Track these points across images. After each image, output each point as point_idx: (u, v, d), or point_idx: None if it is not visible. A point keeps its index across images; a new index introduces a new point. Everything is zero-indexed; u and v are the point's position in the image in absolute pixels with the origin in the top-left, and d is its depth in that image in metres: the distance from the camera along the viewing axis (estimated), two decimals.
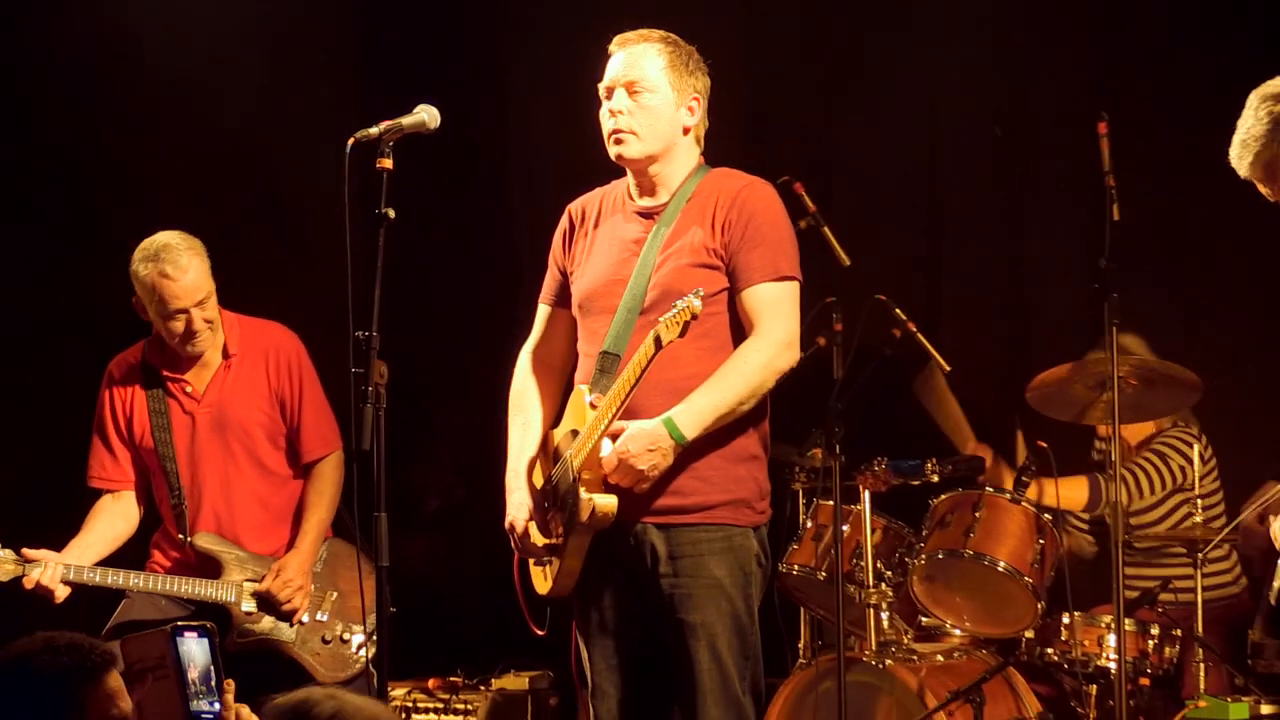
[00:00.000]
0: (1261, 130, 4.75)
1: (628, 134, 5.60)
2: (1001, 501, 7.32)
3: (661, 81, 5.61)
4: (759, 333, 5.51)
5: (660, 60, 5.62)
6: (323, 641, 6.85)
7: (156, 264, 6.63)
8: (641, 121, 5.60)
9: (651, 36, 5.67)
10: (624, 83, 5.61)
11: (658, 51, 5.63)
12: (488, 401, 6.73)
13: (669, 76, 5.62)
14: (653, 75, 5.60)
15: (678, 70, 5.63)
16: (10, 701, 4.08)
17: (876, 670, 7.18)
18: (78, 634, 4.20)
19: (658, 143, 5.62)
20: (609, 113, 5.63)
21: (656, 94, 5.60)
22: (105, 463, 6.92)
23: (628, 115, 5.60)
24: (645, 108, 5.60)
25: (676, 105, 5.64)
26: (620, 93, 5.61)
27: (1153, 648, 7.25)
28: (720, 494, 5.52)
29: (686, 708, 5.55)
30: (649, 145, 5.61)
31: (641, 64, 5.62)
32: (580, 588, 5.66)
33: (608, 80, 5.66)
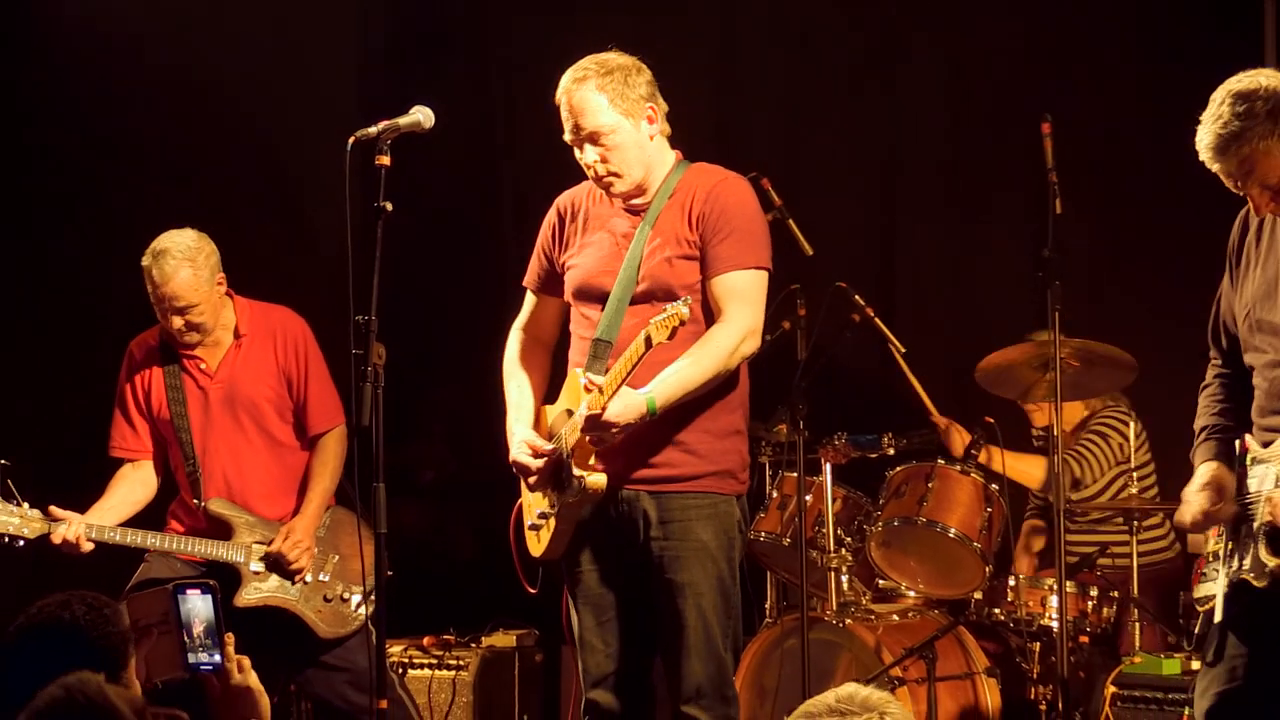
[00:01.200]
0: (1237, 127, 4.75)
1: (611, 178, 5.59)
2: (952, 473, 7.36)
3: (616, 119, 5.55)
4: (726, 319, 5.50)
5: (604, 99, 5.54)
6: (324, 600, 6.85)
7: (153, 262, 6.62)
8: (618, 162, 5.57)
9: (587, 77, 5.57)
10: (586, 135, 5.57)
11: (597, 90, 5.54)
12: (478, 381, 6.76)
13: (619, 108, 5.55)
14: (606, 119, 5.54)
15: (622, 97, 5.56)
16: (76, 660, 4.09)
17: (837, 629, 7.22)
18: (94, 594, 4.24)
19: (639, 169, 5.60)
20: (588, 166, 5.62)
21: (618, 132, 5.55)
22: (125, 434, 6.93)
23: (604, 163, 5.57)
24: (615, 147, 5.55)
25: (636, 126, 5.58)
26: (589, 147, 5.58)
27: (1092, 608, 7.27)
28: (707, 465, 5.54)
29: (671, 661, 5.57)
30: (634, 175, 5.60)
31: (592, 112, 5.54)
32: (571, 551, 5.67)
33: (569, 135, 5.61)
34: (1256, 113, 4.74)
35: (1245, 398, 5.05)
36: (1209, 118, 4.81)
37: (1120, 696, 6.71)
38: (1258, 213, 4.95)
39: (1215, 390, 5.20)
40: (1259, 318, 4.99)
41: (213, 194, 7.40)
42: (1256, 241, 5.03)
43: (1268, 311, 4.96)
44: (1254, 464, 4.94)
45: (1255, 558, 4.83)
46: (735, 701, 5.67)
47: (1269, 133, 4.74)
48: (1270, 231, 4.99)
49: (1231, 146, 4.77)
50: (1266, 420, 4.97)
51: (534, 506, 5.73)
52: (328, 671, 6.85)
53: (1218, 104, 4.80)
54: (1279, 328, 4.93)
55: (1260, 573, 4.80)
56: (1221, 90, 4.83)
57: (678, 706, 5.55)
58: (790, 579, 7.51)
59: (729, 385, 5.59)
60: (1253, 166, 4.78)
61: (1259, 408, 5.00)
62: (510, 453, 5.73)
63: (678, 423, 5.50)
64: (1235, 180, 4.83)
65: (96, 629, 4.06)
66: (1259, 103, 4.75)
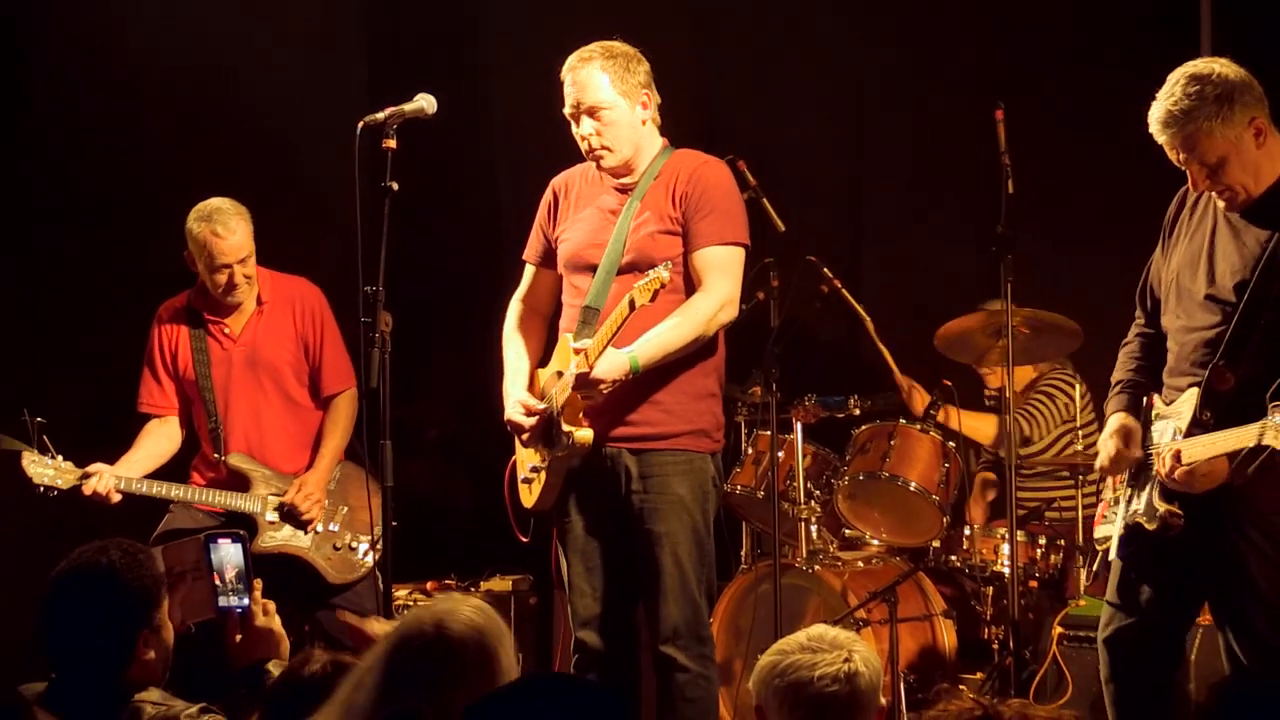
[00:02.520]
0: (1188, 106, 4.81)
1: (603, 151, 5.63)
2: (913, 432, 7.39)
3: (614, 97, 5.60)
4: (706, 289, 5.55)
5: (605, 78, 5.59)
6: (333, 549, 6.87)
7: (209, 223, 6.65)
8: (611, 137, 5.61)
9: (592, 58, 5.62)
10: (585, 109, 5.61)
11: (600, 69, 5.60)
12: (477, 347, 6.77)
13: (618, 88, 5.60)
14: (606, 95, 5.59)
15: (622, 79, 5.61)
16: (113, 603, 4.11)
17: (806, 574, 7.25)
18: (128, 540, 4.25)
19: (629, 146, 5.65)
20: (581, 137, 5.65)
21: (614, 109, 5.60)
22: (153, 392, 6.93)
23: (598, 136, 5.61)
24: (610, 124, 5.60)
25: (631, 108, 5.63)
26: (586, 120, 5.61)
27: (1040, 555, 7.31)
28: (683, 425, 5.58)
29: (650, 605, 5.62)
30: (623, 152, 5.64)
31: (593, 88, 5.59)
32: (560, 503, 5.71)
33: (569, 108, 5.65)
34: (1206, 95, 4.81)
35: (1160, 356, 5.14)
36: (1164, 94, 4.87)
37: (1066, 636, 6.75)
38: (1194, 188, 5.00)
39: (1134, 348, 5.28)
40: (1181, 285, 5.05)
41: (234, 175, 7.38)
42: (1190, 216, 5.09)
43: (1189, 280, 5.03)
44: (1157, 419, 5.05)
45: (1148, 503, 4.94)
46: (710, 641, 5.71)
47: (1213, 115, 4.80)
48: (1203, 209, 5.05)
49: (1178, 123, 4.84)
50: (1174, 380, 5.06)
51: (527, 461, 5.77)
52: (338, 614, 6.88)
53: (1173, 83, 4.87)
54: (1196, 296, 5.00)
55: (1151, 516, 4.90)
56: (1179, 71, 4.89)
57: (657, 646, 5.59)
58: (764, 528, 7.53)
59: (706, 351, 5.63)
60: (1195, 144, 4.84)
61: (1169, 369, 5.09)
62: (505, 412, 5.77)
63: (657, 385, 5.55)
64: (1178, 154, 4.89)
65: (131, 572, 4.09)
66: (1209, 87, 4.81)
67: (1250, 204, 4.91)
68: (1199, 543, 4.89)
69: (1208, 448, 4.77)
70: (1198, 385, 4.90)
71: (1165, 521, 4.88)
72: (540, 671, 7.52)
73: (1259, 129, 4.84)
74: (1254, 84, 4.87)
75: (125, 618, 4.07)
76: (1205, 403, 4.87)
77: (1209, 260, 4.98)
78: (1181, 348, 5.04)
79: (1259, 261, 4.85)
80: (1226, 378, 4.86)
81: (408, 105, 5.49)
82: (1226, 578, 4.92)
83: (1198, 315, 4.99)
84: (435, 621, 3.47)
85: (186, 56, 8.06)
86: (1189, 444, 4.81)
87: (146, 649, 4.06)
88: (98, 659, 4.05)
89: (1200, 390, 4.89)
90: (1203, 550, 4.91)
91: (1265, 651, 4.84)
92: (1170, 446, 4.85)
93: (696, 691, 5.59)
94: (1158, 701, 5.05)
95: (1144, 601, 5.04)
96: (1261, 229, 4.89)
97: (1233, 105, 4.81)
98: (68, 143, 8.13)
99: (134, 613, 4.09)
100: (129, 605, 4.08)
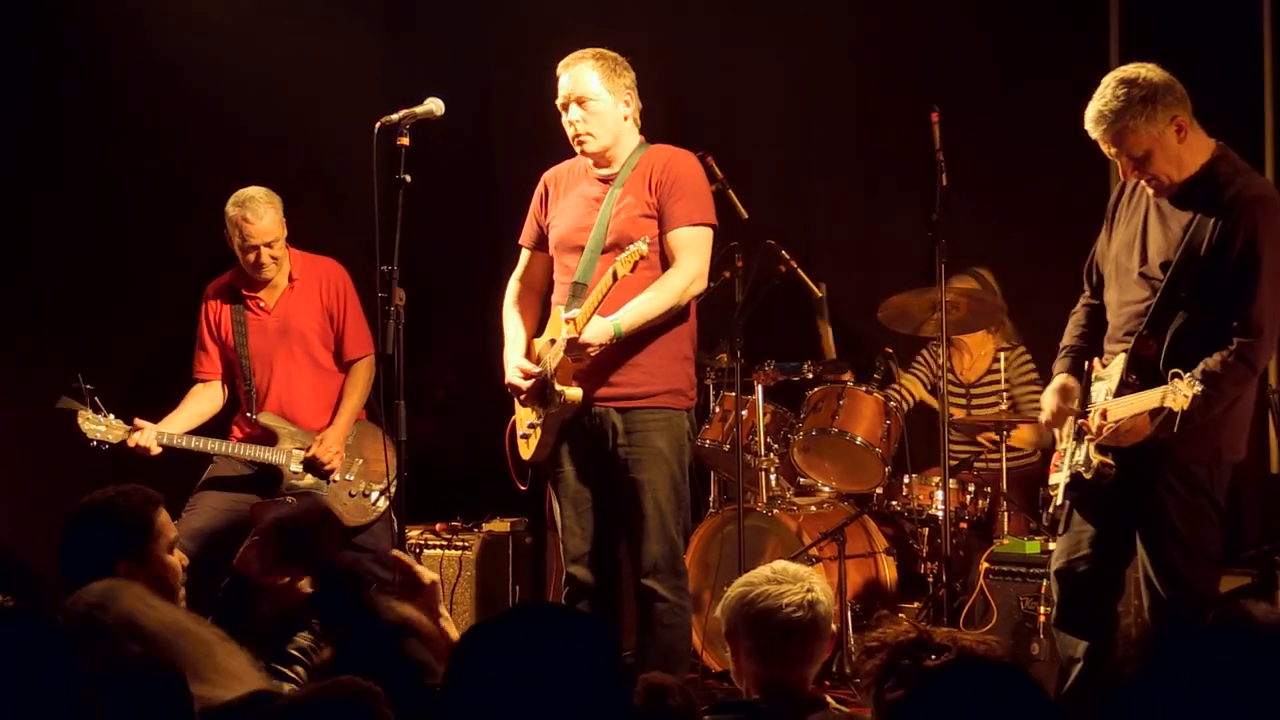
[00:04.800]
0: (1117, 106, 4.83)
1: (586, 136, 5.64)
2: (859, 393, 7.39)
3: (601, 91, 5.62)
4: (678, 265, 5.58)
5: (596, 74, 5.62)
6: (349, 496, 6.88)
7: (241, 209, 6.70)
8: (594, 125, 5.62)
9: (586, 56, 5.66)
10: (575, 98, 5.62)
11: (591, 67, 5.63)
12: (479, 319, 6.78)
13: (605, 85, 5.63)
14: (594, 89, 5.61)
15: (610, 78, 5.64)
16: (99, 537, 4.11)
17: (766, 517, 7.26)
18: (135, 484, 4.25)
19: (609, 136, 5.65)
20: (569, 123, 5.66)
21: (600, 101, 5.62)
22: (200, 359, 6.97)
23: (583, 123, 5.62)
24: (594, 114, 5.62)
25: (615, 104, 5.65)
26: (574, 107, 5.63)
27: (969, 501, 7.31)
28: (662, 385, 5.59)
29: (633, 543, 5.63)
30: (603, 140, 5.65)
31: (583, 81, 5.62)
32: (554, 455, 5.71)
33: (561, 98, 5.67)
34: (1133, 97, 4.83)
35: (1102, 326, 5.18)
36: (1097, 96, 4.90)
37: (992, 571, 6.76)
38: (1124, 177, 5.04)
39: (1080, 318, 5.31)
40: (1120, 264, 5.08)
41: (269, 168, 7.36)
42: (1128, 202, 5.13)
43: (1126, 259, 5.06)
44: (1096, 380, 5.06)
45: (1086, 455, 4.94)
46: (685, 575, 5.73)
47: (1139, 114, 4.82)
48: (1139, 196, 5.08)
49: (1109, 121, 4.86)
50: (1111, 347, 5.10)
51: (524, 419, 5.77)
52: (358, 552, 6.88)
53: (1105, 85, 4.90)
54: (1131, 274, 5.02)
55: (1088, 467, 4.93)
56: (1111, 75, 4.93)
57: (639, 579, 5.61)
58: (729, 477, 7.53)
59: (680, 319, 5.65)
60: (1124, 139, 4.86)
61: (1109, 336, 5.12)
62: (505, 376, 5.77)
63: (638, 350, 5.57)
64: (1109, 147, 4.93)
65: (114, 509, 4.15)
66: (1136, 90, 4.83)
67: (1174, 190, 4.92)
68: (1129, 488, 4.92)
69: (1126, 408, 4.81)
70: (1127, 352, 4.93)
71: (1100, 472, 4.91)
72: (531, 601, 7.52)
73: (1180, 125, 4.86)
74: (1176, 85, 4.89)
75: (105, 547, 4.08)
76: (1131, 367, 4.91)
77: (1142, 242, 5.01)
78: (1118, 319, 5.07)
79: (1181, 242, 4.87)
80: (1150, 345, 4.89)
81: (419, 108, 5.49)
82: (1150, 518, 4.96)
83: (1131, 290, 5.02)
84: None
85: (226, 63, 8.03)
86: (1113, 404, 4.86)
87: (130, 577, 4.03)
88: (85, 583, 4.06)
89: (1128, 356, 4.91)
90: (1132, 495, 4.94)
91: (1179, 583, 4.88)
92: (1099, 406, 4.89)
93: (673, 619, 5.61)
94: (1098, 624, 5.08)
95: (1088, 539, 5.08)
96: (1183, 213, 4.91)
97: (1156, 105, 4.82)
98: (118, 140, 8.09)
99: (111, 543, 4.08)
100: (107, 537, 4.08)
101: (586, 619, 2.82)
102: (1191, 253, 4.84)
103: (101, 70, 8.03)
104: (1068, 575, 5.12)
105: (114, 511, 4.13)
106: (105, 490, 4.20)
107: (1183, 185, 4.91)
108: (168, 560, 4.16)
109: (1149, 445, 4.83)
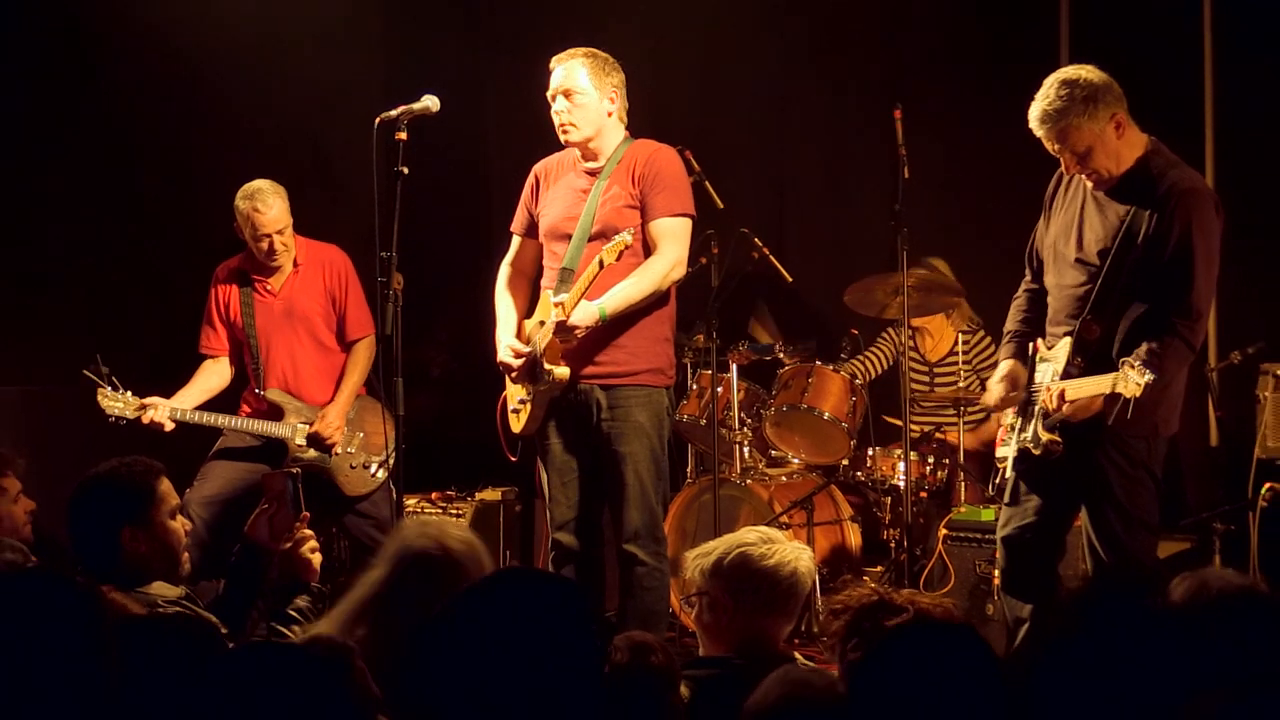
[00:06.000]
0: (1060, 106, 4.85)
1: (570, 126, 5.65)
2: (827, 371, 7.41)
3: (588, 86, 5.63)
4: (660, 253, 5.59)
5: (585, 70, 5.63)
6: (350, 467, 6.88)
7: (251, 201, 6.69)
8: (578, 117, 5.63)
9: (577, 54, 5.67)
10: (563, 90, 5.63)
11: (581, 64, 5.64)
12: (472, 302, 6.78)
13: (593, 81, 5.63)
14: (582, 83, 5.62)
15: (598, 75, 5.65)
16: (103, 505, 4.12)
17: (740, 487, 7.28)
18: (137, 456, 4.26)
19: (591, 128, 5.66)
20: (556, 113, 5.66)
21: (586, 95, 5.63)
22: (209, 336, 6.95)
23: (568, 114, 5.63)
24: (580, 106, 5.63)
25: (600, 100, 5.66)
26: (561, 98, 5.64)
27: (929, 471, 7.34)
28: (644, 364, 5.60)
29: (615, 511, 5.65)
30: (585, 131, 5.66)
31: (572, 76, 5.63)
32: (542, 428, 5.72)
33: (552, 90, 5.68)
34: (1074, 97, 4.84)
35: (1043, 309, 5.21)
36: (1040, 96, 4.92)
37: (950, 537, 6.79)
38: (1066, 171, 5.04)
39: (1022, 302, 5.34)
40: (1058, 250, 5.10)
41: (275, 161, 7.36)
42: (1065, 192, 5.15)
43: (1064, 246, 5.08)
44: (1041, 361, 5.09)
45: (1034, 432, 4.98)
46: (664, 541, 5.75)
47: (1080, 113, 4.84)
48: (1075, 186, 5.10)
49: (1051, 119, 4.88)
50: (1054, 329, 5.12)
51: (515, 395, 5.78)
52: (359, 519, 6.90)
53: (1048, 86, 4.92)
54: (1068, 259, 5.05)
55: (1036, 443, 4.96)
56: (1053, 76, 4.94)
57: (620, 545, 5.62)
58: (705, 449, 7.54)
59: (661, 303, 5.66)
60: (1066, 136, 4.88)
61: (1050, 319, 5.15)
62: (498, 355, 5.78)
63: (622, 332, 5.58)
64: (1052, 144, 4.94)
65: (115, 478, 4.14)
66: (1077, 90, 4.85)
67: (1113, 183, 4.95)
68: (1074, 461, 4.95)
69: (1078, 390, 4.84)
70: (1071, 334, 4.96)
71: (1048, 449, 4.93)
72: (513, 566, 7.54)
73: (1119, 123, 4.88)
74: (1114, 85, 4.91)
75: (108, 514, 4.08)
76: (1076, 349, 4.94)
77: (1079, 230, 5.03)
78: (1058, 302, 5.10)
79: (1118, 232, 4.89)
80: (1093, 329, 4.92)
81: (416, 104, 5.49)
82: (1092, 489, 4.99)
83: (1069, 275, 5.05)
84: (436, 538, 3.48)
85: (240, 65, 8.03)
86: (1071, 385, 4.87)
87: (135, 543, 4.05)
88: (92, 551, 4.07)
89: (1073, 340, 4.94)
90: (1076, 467, 4.97)
91: (1120, 548, 4.93)
92: (1056, 386, 4.91)
93: (653, 581, 5.63)
94: (1041, 585, 5.11)
95: (1033, 508, 5.11)
96: (1121, 204, 4.94)
97: (1096, 104, 4.84)
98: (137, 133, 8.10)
99: (115, 509, 4.09)
100: (112, 504, 4.09)
101: (560, 582, 2.84)
102: (1129, 241, 4.87)
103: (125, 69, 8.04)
104: (1014, 542, 5.16)
105: (118, 480, 4.14)
106: (110, 461, 4.21)
107: (1120, 178, 4.94)
108: (170, 526, 4.16)
109: (1091, 421, 4.86)
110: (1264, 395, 6.89)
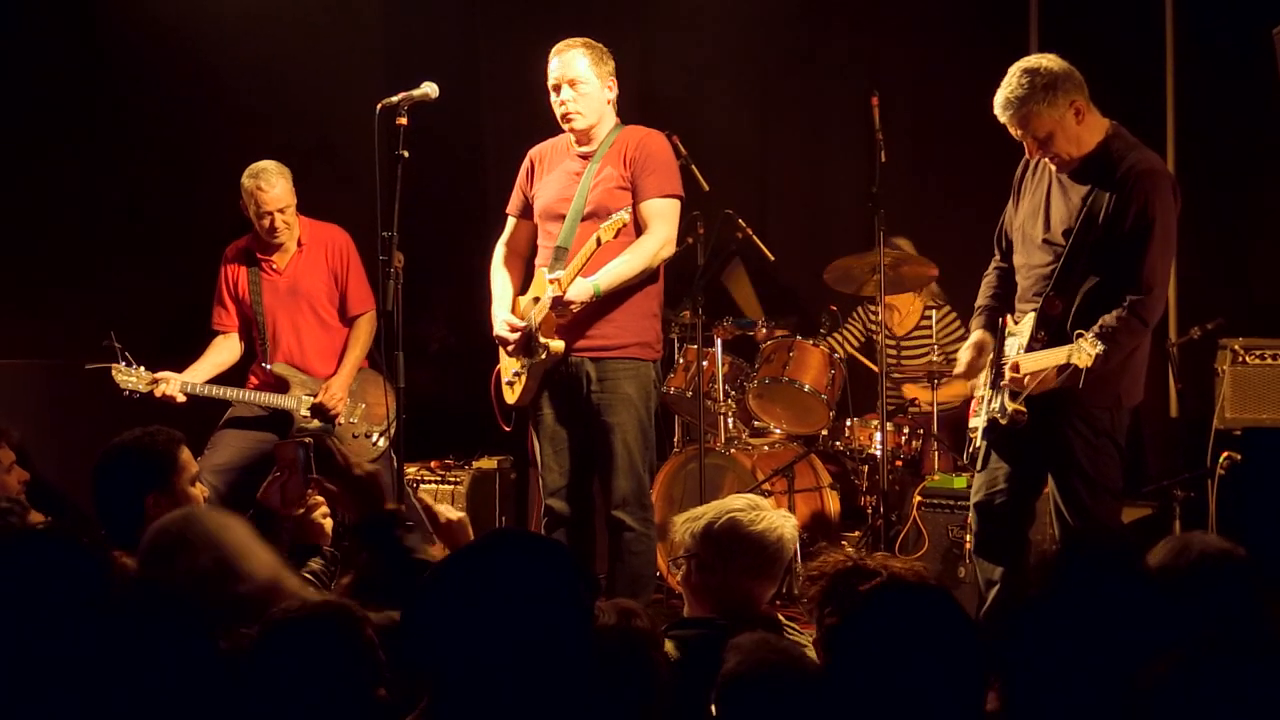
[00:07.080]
0: (1022, 93, 4.84)
1: (576, 115, 5.63)
2: (807, 345, 7.40)
3: (590, 75, 5.62)
4: (650, 232, 5.58)
5: (586, 60, 5.62)
6: (353, 437, 6.88)
7: (255, 180, 6.68)
8: (583, 105, 5.62)
9: (576, 44, 5.65)
10: (567, 80, 5.61)
11: (582, 54, 5.63)
12: (469, 279, 6.75)
13: (594, 70, 5.63)
14: (584, 72, 5.61)
15: (597, 64, 5.64)
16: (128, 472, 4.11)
17: (724, 456, 7.28)
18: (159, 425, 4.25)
19: (595, 115, 5.65)
20: (560, 102, 5.64)
21: (589, 84, 5.62)
22: (219, 313, 6.93)
23: (574, 102, 5.62)
24: (583, 95, 5.62)
25: (601, 88, 5.65)
26: (566, 88, 5.62)
27: (904, 441, 7.35)
28: (632, 337, 5.60)
29: (604, 479, 5.64)
30: (589, 119, 5.65)
31: (575, 66, 5.62)
32: (536, 400, 5.72)
33: (553, 79, 5.65)
34: (1036, 85, 4.83)
35: (1012, 286, 5.22)
36: (1004, 84, 4.91)
37: (923, 503, 6.80)
38: (1030, 156, 5.04)
39: (992, 280, 5.34)
40: (1026, 231, 5.10)
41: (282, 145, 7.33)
42: (1032, 176, 5.15)
43: (1031, 227, 5.08)
44: (1009, 336, 5.08)
45: (1001, 403, 4.98)
46: (651, 508, 5.76)
47: (1041, 100, 4.83)
48: (1041, 170, 5.10)
49: (1014, 106, 4.87)
50: (1022, 305, 5.13)
51: (510, 367, 5.77)
52: None
53: (1011, 75, 4.91)
54: (1036, 240, 5.05)
55: (1003, 414, 4.96)
56: (1016, 65, 4.93)
57: (609, 511, 5.62)
58: (691, 420, 7.56)
59: (650, 280, 5.65)
60: (1028, 122, 4.88)
61: (1019, 296, 5.16)
62: (494, 329, 5.77)
63: (612, 307, 5.57)
64: (1015, 130, 4.94)
65: (140, 446, 4.14)
66: (1038, 78, 4.84)
67: (1075, 165, 4.94)
68: (1040, 431, 4.95)
69: (1036, 362, 4.83)
70: (1036, 311, 4.95)
71: (1014, 419, 4.93)
72: (505, 528, 7.54)
73: (1079, 109, 4.87)
74: (1074, 73, 4.90)
75: (134, 481, 4.09)
76: (1040, 324, 4.93)
77: (1045, 211, 5.03)
78: (1026, 280, 5.10)
79: (1080, 212, 4.89)
80: (1056, 305, 4.92)
81: (415, 91, 5.46)
82: (1059, 457, 4.99)
83: (1036, 255, 5.05)
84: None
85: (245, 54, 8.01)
86: (1025, 358, 4.88)
87: (158, 509, 4.02)
88: (117, 517, 4.06)
89: (1036, 315, 4.94)
90: (1044, 437, 4.97)
91: (1085, 514, 4.92)
92: (1011, 360, 4.91)
93: (640, 546, 5.63)
94: (1012, 549, 5.12)
95: (1003, 475, 5.11)
96: (1082, 186, 4.94)
97: (1056, 91, 4.84)
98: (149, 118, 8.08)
99: (140, 477, 4.09)
100: (136, 471, 4.09)
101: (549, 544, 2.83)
102: (1090, 220, 4.87)
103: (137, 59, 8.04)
104: (985, 508, 5.16)
105: (141, 449, 4.14)
106: (133, 431, 4.20)
107: (1081, 161, 4.94)
108: (191, 492, 4.16)
109: (1057, 393, 4.86)
110: (1222, 369, 6.91)
